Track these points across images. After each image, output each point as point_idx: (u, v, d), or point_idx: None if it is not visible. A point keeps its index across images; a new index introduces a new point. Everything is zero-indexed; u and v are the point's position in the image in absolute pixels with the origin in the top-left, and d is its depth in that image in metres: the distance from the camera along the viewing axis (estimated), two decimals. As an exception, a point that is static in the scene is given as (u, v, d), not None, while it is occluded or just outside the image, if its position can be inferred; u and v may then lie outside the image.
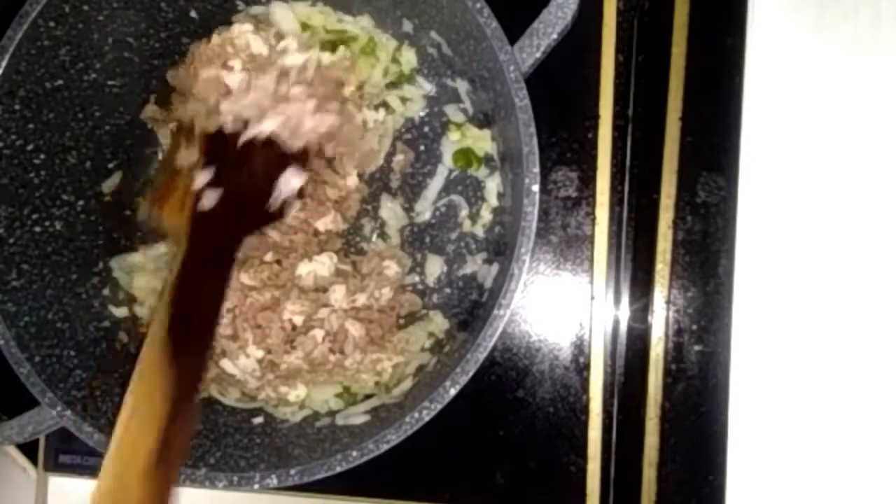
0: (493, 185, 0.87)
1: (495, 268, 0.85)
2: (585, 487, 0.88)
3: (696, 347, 0.86)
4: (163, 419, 0.65)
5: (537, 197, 0.70)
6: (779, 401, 0.68)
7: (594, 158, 0.90)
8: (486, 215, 0.88)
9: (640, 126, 0.91)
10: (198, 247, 0.76)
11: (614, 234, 0.90)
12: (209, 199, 0.78)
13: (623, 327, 0.91)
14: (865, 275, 0.67)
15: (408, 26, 0.87)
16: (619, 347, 0.90)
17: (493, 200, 0.88)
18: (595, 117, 0.90)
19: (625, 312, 0.91)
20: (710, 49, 0.87)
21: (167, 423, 0.65)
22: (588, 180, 0.90)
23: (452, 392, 0.70)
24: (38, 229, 0.81)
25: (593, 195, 0.90)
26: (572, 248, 0.91)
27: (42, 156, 0.80)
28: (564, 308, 0.91)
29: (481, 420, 0.90)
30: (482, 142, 0.87)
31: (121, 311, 0.87)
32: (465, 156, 0.87)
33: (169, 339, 0.69)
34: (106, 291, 0.87)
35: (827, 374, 0.67)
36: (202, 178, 0.78)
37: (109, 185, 0.88)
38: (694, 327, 0.87)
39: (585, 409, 0.89)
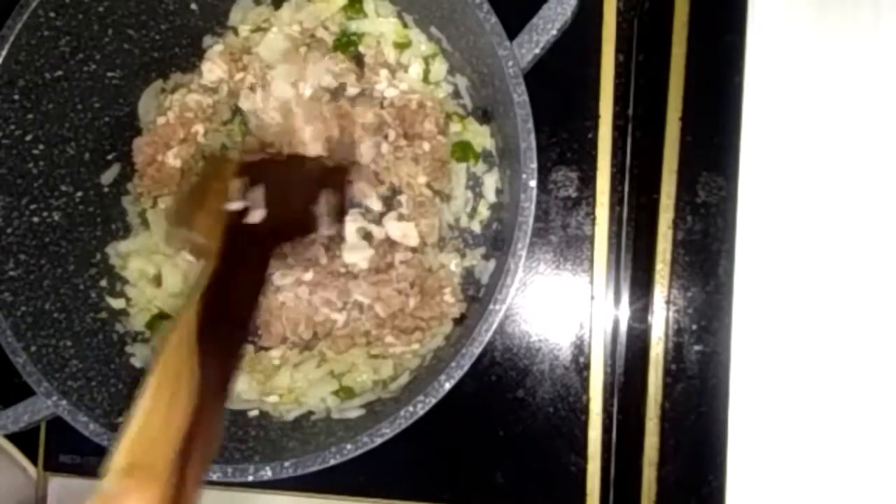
0: (491, 182, 0.88)
1: (492, 263, 0.85)
2: (585, 487, 0.88)
3: (696, 347, 0.86)
4: (187, 415, 0.61)
5: (534, 192, 0.70)
6: (779, 401, 0.67)
7: (594, 158, 0.90)
8: (483, 211, 0.88)
9: (640, 126, 0.91)
10: (232, 256, 0.73)
11: (614, 234, 0.90)
12: (254, 217, 0.76)
13: (623, 327, 0.90)
14: (865, 275, 0.67)
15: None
16: (619, 347, 0.90)
17: (491, 196, 0.88)
18: (595, 117, 0.90)
19: (625, 312, 0.90)
20: (710, 49, 0.87)
21: (192, 419, 0.61)
22: (588, 180, 0.90)
23: (447, 386, 0.70)
24: (36, 220, 0.81)
25: (593, 195, 0.90)
26: (572, 248, 0.90)
27: (41, 146, 0.81)
28: (564, 308, 0.90)
29: (481, 420, 0.90)
30: (481, 137, 0.88)
31: (118, 303, 0.87)
32: (463, 149, 0.87)
33: (199, 336, 0.65)
34: (103, 282, 0.87)
35: (827, 373, 0.67)
36: (240, 200, 0.77)
37: (108, 176, 0.89)
38: (694, 327, 0.86)
39: (585, 409, 0.89)
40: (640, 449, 0.86)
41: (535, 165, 0.70)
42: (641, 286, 0.89)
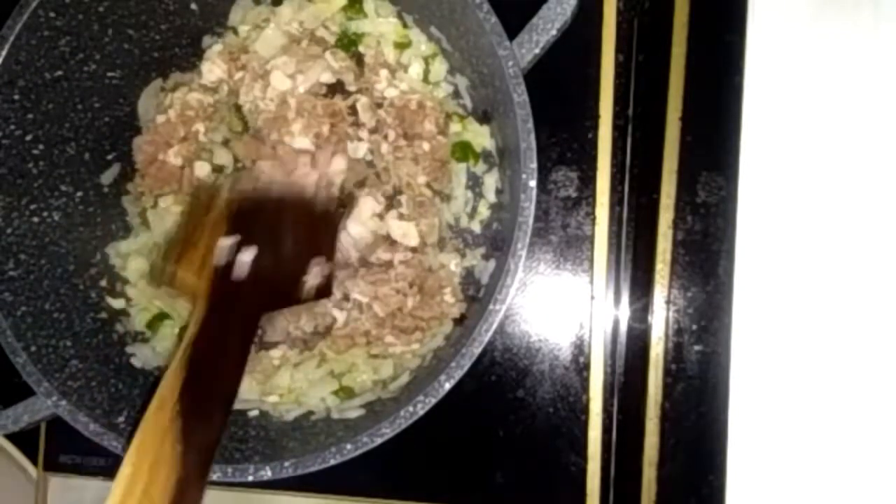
0: (491, 182, 0.87)
1: (492, 264, 0.85)
2: (585, 487, 0.88)
3: (696, 347, 0.86)
4: (169, 489, 0.58)
5: (534, 193, 0.70)
6: (779, 401, 0.67)
7: (594, 158, 0.90)
8: (483, 211, 0.88)
9: (640, 126, 0.91)
10: (218, 313, 0.70)
11: (614, 234, 0.90)
12: (240, 269, 0.74)
13: (623, 327, 0.90)
14: (865, 275, 0.67)
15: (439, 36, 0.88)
16: (619, 347, 0.90)
17: (491, 196, 0.88)
18: (595, 117, 0.90)
19: (625, 312, 0.90)
20: (710, 49, 0.87)
21: (175, 494, 0.58)
22: (588, 180, 0.90)
23: (447, 386, 0.70)
24: (36, 220, 0.81)
25: (593, 195, 0.90)
26: (572, 248, 0.90)
27: (41, 146, 0.81)
28: (564, 308, 0.90)
29: (481, 420, 0.90)
30: (481, 137, 0.87)
31: (118, 303, 0.87)
32: (463, 149, 0.87)
33: (180, 407, 0.62)
34: (103, 282, 0.87)
35: (827, 373, 0.67)
36: (229, 241, 0.75)
37: (108, 176, 0.89)
38: (694, 327, 0.86)
39: (585, 409, 0.89)
40: (640, 449, 0.86)
41: (535, 165, 0.70)
42: (641, 286, 0.89)
